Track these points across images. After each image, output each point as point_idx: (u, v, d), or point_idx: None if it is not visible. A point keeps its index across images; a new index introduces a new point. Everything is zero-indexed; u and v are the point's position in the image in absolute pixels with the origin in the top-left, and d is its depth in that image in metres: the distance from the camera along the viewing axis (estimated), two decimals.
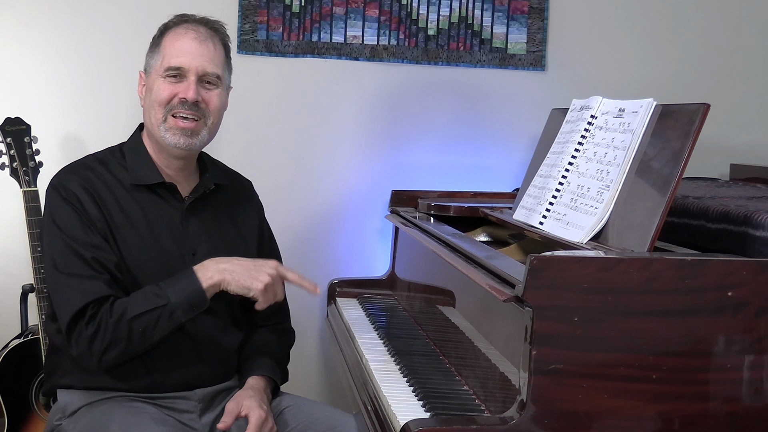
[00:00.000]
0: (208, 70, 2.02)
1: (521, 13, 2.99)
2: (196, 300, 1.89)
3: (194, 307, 1.90)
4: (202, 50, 2.01)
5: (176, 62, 2.00)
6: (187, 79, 2.00)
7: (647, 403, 1.52)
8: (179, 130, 1.99)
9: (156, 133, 2.01)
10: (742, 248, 1.71)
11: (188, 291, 1.89)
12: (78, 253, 1.91)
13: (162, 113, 2.00)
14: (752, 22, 3.10)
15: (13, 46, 2.79)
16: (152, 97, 2.01)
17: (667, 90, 2.96)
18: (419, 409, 1.73)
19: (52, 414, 2.06)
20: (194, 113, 2.00)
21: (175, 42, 2.02)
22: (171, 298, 1.87)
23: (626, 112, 1.90)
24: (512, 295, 1.55)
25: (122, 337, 1.87)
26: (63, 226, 1.94)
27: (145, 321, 1.87)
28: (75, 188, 1.96)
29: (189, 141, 2.01)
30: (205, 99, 2.02)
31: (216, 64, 2.04)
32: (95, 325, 1.87)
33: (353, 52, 2.94)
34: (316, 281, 2.89)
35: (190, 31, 2.03)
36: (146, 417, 1.89)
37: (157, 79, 2.01)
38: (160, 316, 1.87)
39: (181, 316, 1.89)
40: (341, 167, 2.98)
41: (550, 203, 2.00)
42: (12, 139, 2.57)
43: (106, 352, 1.88)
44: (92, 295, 1.88)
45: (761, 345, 1.54)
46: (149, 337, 1.89)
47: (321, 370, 3.03)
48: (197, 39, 2.02)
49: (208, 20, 2.08)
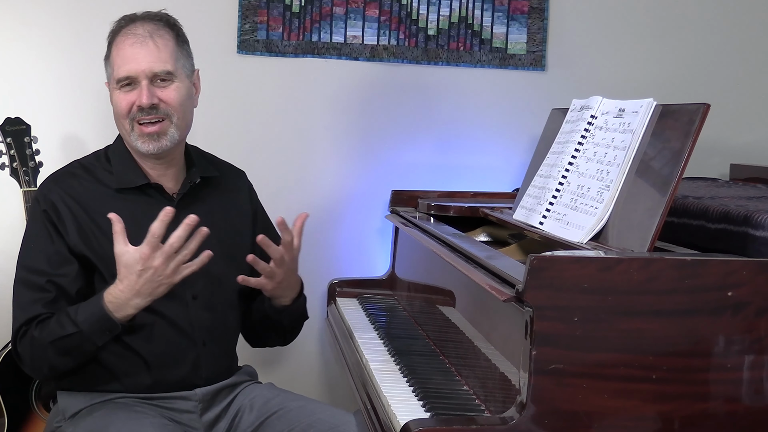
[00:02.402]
0: (156, 70, 2.00)
1: (521, 13, 2.99)
2: (107, 326, 1.88)
3: (107, 332, 1.89)
4: (145, 52, 1.99)
5: (123, 72, 2.00)
6: (139, 84, 1.99)
7: (647, 403, 1.52)
8: (146, 136, 2.00)
9: (130, 143, 2.03)
10: (742, 248, 1.71)
11: (96, 318, 1.87)
12: (34, 271, 1.95)
13: (127, 124, 2.01)
14: (752, 22, 3.10)
15: (13, 46, 2.79)
16: (115, 111, 2.03)
17: (667, 90, 2.96)
18: (419, 409, 1.73)
19: (52, 416, 2.06)
20: (155, 116, 2.00)
21: (119, 51, 2.02)
22: (82, 326, 1.87)
23: (626, 112, 1.89)
24: (512, 295, 1.55)
25: (46, 357, 1.90)
26: (30, 242, 1.99)
27: (65, 345, 1.88)
28: (55, 199, 1.98)
29: (158, 144, 2.01)
30: (163, 98, 2.01)
31: (163, 60, 2.01)
32: (24, 342, 1.92)
33: (353, 52, 2.94)
34: (316, 281, 2.94)
35: (128, 36, 2.01)
36: (146, 423, 1.89)
37: (114, 91, 2.03)
38: (76, 341, 1.88)
39: (98, 340, 1.89)
40: (341, 167, 2.98)
41: (550, 203, 2.00)
42: (12, 139, 2.57)
43: (40, 369, 1.95)
44: (30, 313, 1.92)
45: (761, 345, 1.53)
46: (75, 357, 1.91)
47: (321, 370, 3.03)
48: (137, 43, 2.00)
49: (147, 15, 2.06)
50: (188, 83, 2.07)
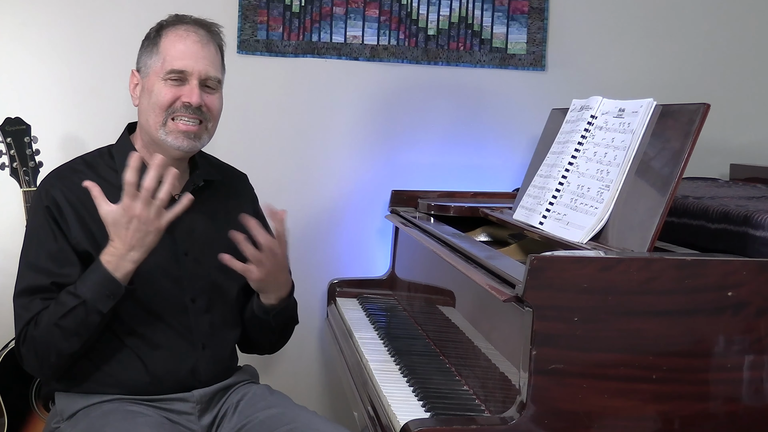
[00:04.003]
0: (211, 74, 2.01)
1: (521, 13, 2.99)
2: (110, 288, 1.86)
3: (111, 296, 1.86)
4: (205, 53, 2.01)
5: (179, 65, 1.98)
6: (190, 83, 1.99)
7: (647, 403, 1.52)
8: (181, 134, 1.98)
9: (155, 135, 2.00)
10: (742, 248, 1.71)
11: (99, 281, 1.86)
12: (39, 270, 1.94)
13: (163, 116, 1.98)
14: (752, 22, 3.10)
15: (13, 46, 2.79)
16: (152, 100, 1.99)
17: (667, 90, 2.96)
18: (419, 409, 1.73)
19: (50, 417, 2.06)
20: (197, 117, 2.00)
21: (177, 44, 2.00)
22: (85, 296, 1.86)
23: (626, 112, 1.90)
24: (512, 295, 1.55)
25: (52, 343, 1.88)
26: (33, 237, 1.98)
27: (69, 322, 1.86)
28: (57, 195, 1.97)
29: (192, 144, 2.00)
30: (207, 103, 2.01)
31: (216, 68, 2.04)
32: (27, 342, 1.91)
33: (353, 52, 2.94)
34: (316, 281, 2.94)
35: (191, 34, 2.01)
36: (142, 423, 1.88)
37: (158, 81, 1.99)
38: (81, 314, 1.86)
39: (103, 307, 1.86)
40: (341, 167, 2.98)
41: (550, 203, 2.00)
42: (12, 139, 2.57)
43: (44, 362, 1.91)
44: (30, 314, 1.91)
45: (761, 345, 1.54)
46: (82, 334, 1.88)
47: (321, 370, 3.03)
48: (199, 42, 2.01)
49: (204, 22, 2.07)
50: (222, 97, 2.08)
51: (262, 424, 1.96)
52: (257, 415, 1.99)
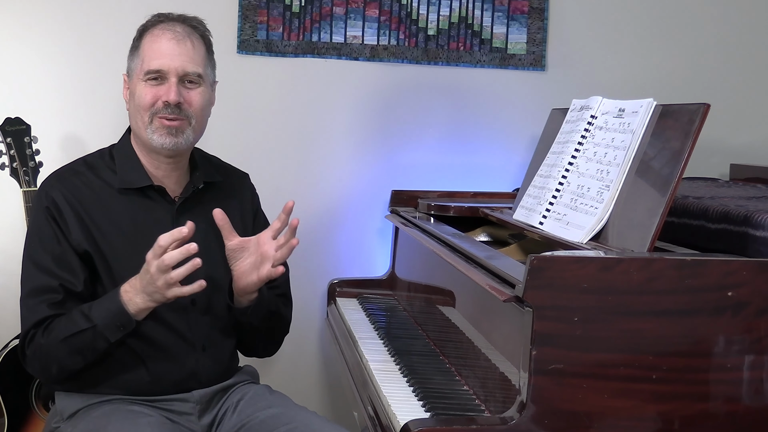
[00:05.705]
0: (188, 70, 2.00)
1: (521, 13, 2.99)
2: (122, 320, 1.87)
3: (121, 328, 1.88)
4: (181, 50, 1.99)
5: (155, 65, 1.98)
6: (168, 81, 1.98)
7: (647, 403, 1.52)
8: (165, 129, 1.98)
9: (143, 136, 2.01)
10: (742, 248, 1.71)
11: (112, 311, 1.87)
12: (42, 269, 1.94)
13: (147, 117, 1.99)
14: (752, 22, 3.10)
15: (13, 46, 2.79)
16: (135, 102, 2.01)
17: (667, 90, 2.96)
18: (419, 409, 1.73)
19: (51, 417, 2.06)
20: (177, 115, 1.99)
21: (153, 44, 2.00)
22: (96, 321, 1.87)
23: (626, 112, 1.90)
24: (512, 295, 1.55)
25: (56, 356, 1.90)
26: (35, 237, 1.99)
27: (76, 342, 1.88)
28: (57, 197, 1.97)
29: (174, 140, 1.99)
30: (187, 99, 2.00)
31: (196, 63, 2.01)
32: (33, 347, 1.92)
33: (353, 52, 2.94)
34: (316, 281, 2.94)
35: (167, 32, 2.01)
36: (143, 423, 1.88)
37: (139, 83, 2.00)
38: (89, 337, 1.87)
39: (111, 336, 1.88)
40: (341, 167, 2.98)
41: (550, 203, 2.00)
42: (12, 139, 2.57)
43: (45, 370, 1.93)
44: (38, 315, 1.92)
45: (761, 345, 1.54)
46: (86, 356, 1.90)
47: (321, 370, 3.03)
48: (174, 39, 2.00)
49: (185, 17, 2.06)
50: (210, 92, 2.07)
51: (262, 424, 1.96)
52: (257, 415, 1.99)
